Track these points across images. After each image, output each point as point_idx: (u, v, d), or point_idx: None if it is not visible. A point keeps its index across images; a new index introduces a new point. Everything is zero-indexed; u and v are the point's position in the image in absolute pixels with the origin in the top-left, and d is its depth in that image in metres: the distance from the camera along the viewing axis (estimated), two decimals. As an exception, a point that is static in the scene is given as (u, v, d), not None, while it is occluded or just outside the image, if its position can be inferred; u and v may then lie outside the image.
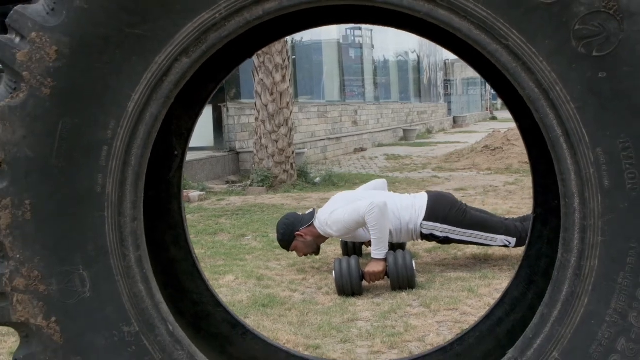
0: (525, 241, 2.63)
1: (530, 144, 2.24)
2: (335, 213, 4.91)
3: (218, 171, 12.01)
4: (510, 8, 1.51)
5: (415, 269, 4.66)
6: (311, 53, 18.76)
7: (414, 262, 4.66)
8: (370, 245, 4.79)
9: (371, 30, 21.71)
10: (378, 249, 4.70)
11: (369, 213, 4.67)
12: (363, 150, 18.30)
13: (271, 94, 10.69)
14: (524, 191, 8.86)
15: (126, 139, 1.62)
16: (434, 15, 1.56)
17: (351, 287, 4.56)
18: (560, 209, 1.62)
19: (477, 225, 5.07)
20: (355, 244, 5.46)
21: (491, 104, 46.48)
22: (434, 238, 5.15)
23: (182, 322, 1.97)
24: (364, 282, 4.67)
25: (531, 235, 2.33)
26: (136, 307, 1.68)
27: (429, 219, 5.06)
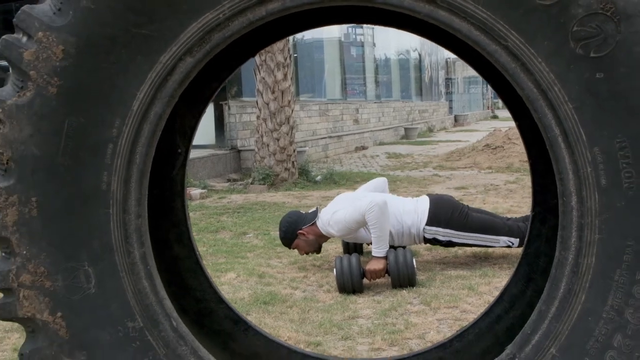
0: (527, 241, 2.65)
1: (530, 144, 2.26)
2: (337, 213, 4.94)
3: (219, 169, 12.03)
4: (510, 9, 1.54)
5: (415, 266, 4.68)
6: (312, 51, 18.76)
7: (414, 260, 4.68)
8: (371, 243, 4.82)
9: (372, 28, 21.68)
10: (378, 247, 4.73)
11: (369, 211, 4.70)
12: (364, 148, 18.31)
13: (272, 92, 10.71)
14: (525, 190, 8.87)
15: (131, 137, 1.64)
16: (434, 16, 1.58)
17: (352, 285, 4.59)
18: (558, 208, 1.64)
19: (480, 228, 5.09)
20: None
21: (492, 103, 46.41)
22: (437, 242, 5.18)
23: (186, 319, 1.99)
24: (365, 280, 4.69)
25: (530, 233, 2.35)
26: (140, 303, 1.70)
27: (431, 223, 5.08)
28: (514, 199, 8.32)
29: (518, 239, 5.04)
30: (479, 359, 2.36)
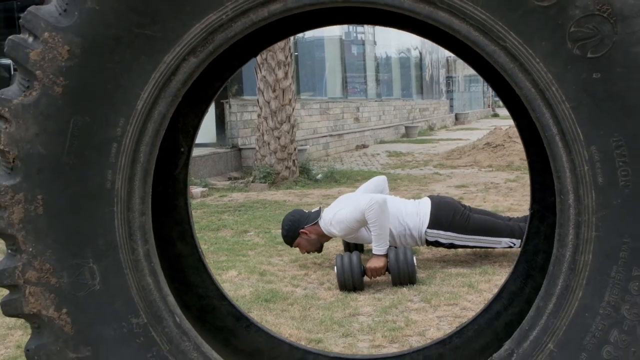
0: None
1: (528, 143, 2.28)
2: (339, 213, 4.97)
3: (220, 167, 12.06)
4: (508, 10, 1.56)
5: (416, 264, 4.71)
6: (313, 50, 18.77)
7: (414, 258, 4.71)
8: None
9: (373, 27, 21.69)
10: (379, 245, 4.76)
11: (369, 209, 4.72)
12: (365, 147, 18.32)
13: (273, 91, 10.73)
14: (525, 188, 8.89)
15: (135, 136, 1.67)
16: (434, 17, 1.61)
17: (353, 283, 4.61)
18: (556, 206, 1.67)
19: (482, 230, 5.11)
20: (356, 240, 5.51)
21: (493, 101, 46.40)
22: (439, 244, 5.20)
23: (188, 316, 2.01)
24: (365, 278, 4.72)
25: (528, 231, 2.37)
26: (144, 300, 1.72)
27: (433, 226, 5.10)
28: (514, 197, 8.34)
29: (520, 240, 5.03)
30: (478, 354, 2.38)
